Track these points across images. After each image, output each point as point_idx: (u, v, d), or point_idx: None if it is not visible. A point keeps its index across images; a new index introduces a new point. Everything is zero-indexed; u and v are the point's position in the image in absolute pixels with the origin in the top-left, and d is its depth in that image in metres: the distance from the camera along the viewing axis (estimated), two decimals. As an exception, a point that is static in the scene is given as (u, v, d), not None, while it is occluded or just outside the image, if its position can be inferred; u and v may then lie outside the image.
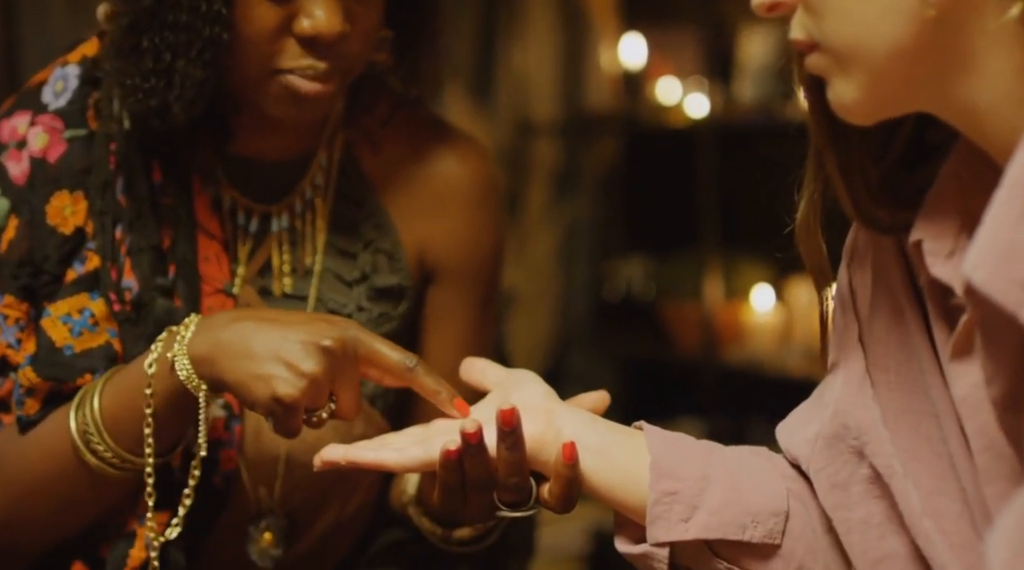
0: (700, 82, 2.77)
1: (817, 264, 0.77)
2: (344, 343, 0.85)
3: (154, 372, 0.87)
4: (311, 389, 0.83)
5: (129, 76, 0.91)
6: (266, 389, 0.83)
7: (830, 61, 0.66)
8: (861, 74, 0.65)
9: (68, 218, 0.95)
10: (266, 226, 1.02)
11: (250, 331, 0.85)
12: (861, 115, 0.67)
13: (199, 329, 0.87)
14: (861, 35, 0.63)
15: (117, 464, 0.89)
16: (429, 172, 1.07)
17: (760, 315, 2.63)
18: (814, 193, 0.75)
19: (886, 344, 0.75)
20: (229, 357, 0.84)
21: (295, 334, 0.84)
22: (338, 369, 0.85)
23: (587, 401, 0.89)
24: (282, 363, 0.83)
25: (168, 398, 0.87)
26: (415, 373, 0.86)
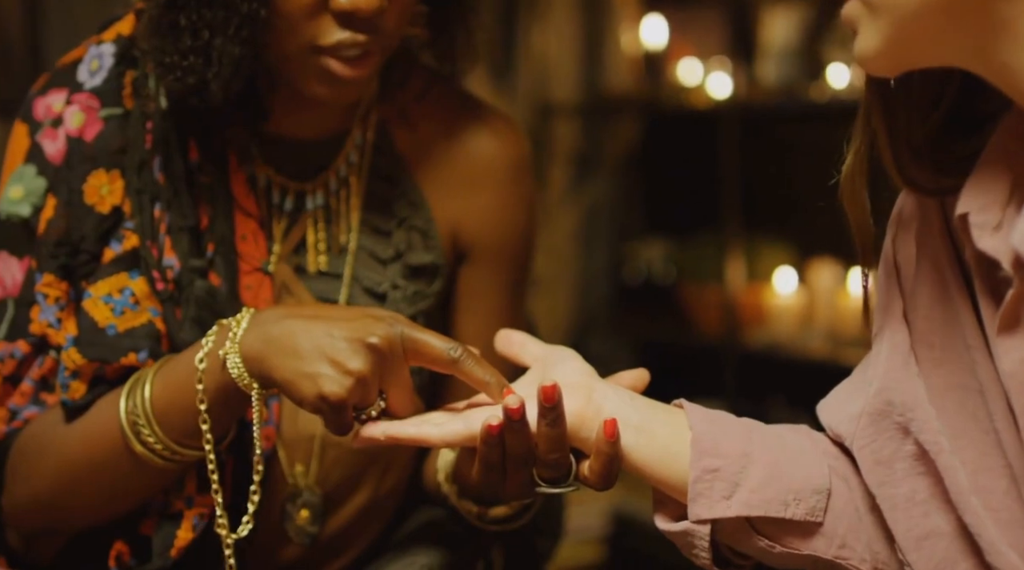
0: (722, 63, 2.75)
1: (860, 219, 0.76)
2: (391, 340, 0.84)
3: (205, 368, 0.87)
4: (358, 388, 0.83)
5: (167, 54, 0.90)
6: (313, 388, 0.82)
7: (863, 8, 0.66)
8: (888, 24, 0.65)
9: (105, 197, 0.95)
10: (301, 204, 1.02)
11: (298, 328, 0.84)
12: (881, 66, 0.68)
13: (251, 325, 0.86)
14: None
15: (166, 455, 0.90)
16: (463, 150, 1.06)
17: (782, 297, 2.62)
18: (860, 146, 0.74)
19: (930, 319, 0.75)
20: (278, 355, 0.84)
21: (341, 331, 0.83)
22: (386, 367, 0.84)
23: (626, 379, 0.89)
24: (329, 361, 0.82)
25: (219, 394, 0.87)
26: (461, 363, 0.85)
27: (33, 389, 0.95)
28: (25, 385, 0.95)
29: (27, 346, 0.95)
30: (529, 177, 1.11)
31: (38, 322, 0.94)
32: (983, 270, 0.70)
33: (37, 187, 0.96)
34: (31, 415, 0.95)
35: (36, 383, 0.95)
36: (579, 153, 3.04)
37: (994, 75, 0.66)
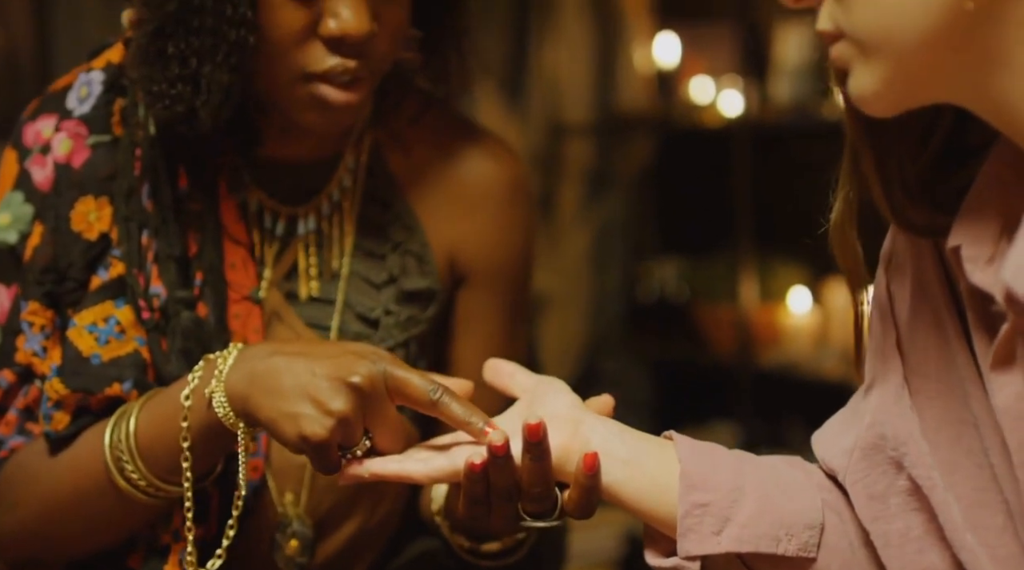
0: (735, 81, 2.74)
1: (852, 266, 0.75)
2: (373, 379, 0.82)
3: (191, 405, 0.86)
4: (340, 428, 0.81)
5: (155, 82, 0.90)
6: (294, 428, 0.81)
7: (855, 50, 0.64)
8: (884, 64, 0.63)
9: (93, 224, 0.95)
10: (292, 229, 1.01)
11: (282, 366, 0.83)
12: (880, 106, 0.65)
13: (237, 362, 0.85)
14: (891, 24, 0.61)
15: (149, 491, 0.89)
16: (458, 173, 1.05)
17: (796, 317, 2.60)
18: (849, 193, 0.73)
19: (925, 351, 0.73)
20: (261, 393, 0.83)
21: (324, 370, 0.82)
22: (369, 406, 0.82)
23: (592, 406, 0.87)
24: (310, 401, 0.81)
25: (204, 432, 0.86)
26: (440, 405, 0.82)
27: (18, 419, 0.95)
28: (10, 415, 0.94)
29: (12, 375, 0.94)
30: (526, 199, 1.10)
31: (23, 351, 0.94)
32: (976, 303, 0.68)
33: (24, 214, 0.96)
34: (16, 445, 0.95)
35: (21, 413, 0.95)
36: (592, 172, 3.03)
37: (988, 110, 0.64)
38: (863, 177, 0.71)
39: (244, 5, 0.87)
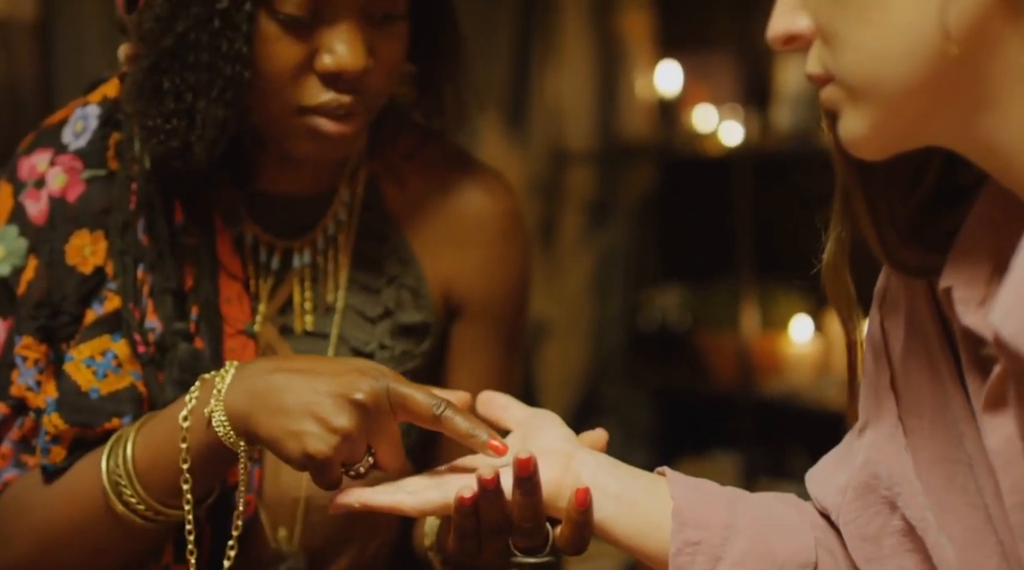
0: (736, 110, 2.74)
1: (845, 306, 0.74)
2: (376, 395, 0.82)
3: (189, 426, 0.85)
4: (344, 445, 0.81)
5: (151, 117, 0.90)
6: (298, 446, 0.81)
7: (843, 94, 0.64)
8: (873, 108, 0.62)
9: (88, 257, 0.95)
10: (288, 262, 1.01)
11: (283, 383, 0.82)
12: (870, 150, 0.65)
13: (236, 379, 0.85)
14: (878, 69, 0.61)
15: (148, 515, 0.88)
16: (453, 207, 1.05)
17: (798, 346, 2.59)
18: (841, 233, 0.72)
19: (919, 390, 0.73)
20: (263, 411, 0.82)
21: (327, 387, 0.81)
22: (372, 422, 0.82)
23: (586, 440, 0.86)
24: (314, 418, 0.81)
25: (204, 452, 0.86)
26: (444, 419, 0.83)
27: (13, 451, 0.94)
28: (5, 447, 0.94)
29: (6, 408, 0.94)
30: (521, 233, 1.09)
31: (17, 385, 0.93)
32: (969, 344, 0.68)
33: (18, 247, 0.96)
34: (11, 478, 0.94)
35: (16, 445, 0.94)
36: (593, 200, 3.03)
37: (977, 153, 0.64)
38: (855, 218, 0.71)
39: (239, 41, 0.87)
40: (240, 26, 0.87)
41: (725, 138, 2.76)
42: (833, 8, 0.62)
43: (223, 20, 0.87)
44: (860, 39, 0.61)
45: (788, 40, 0.65)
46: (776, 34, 0.65)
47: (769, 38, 0.66)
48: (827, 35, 0.63)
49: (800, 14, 0.64)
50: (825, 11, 0.62)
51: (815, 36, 0.64)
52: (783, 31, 0.65)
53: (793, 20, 0.64)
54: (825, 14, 0.62)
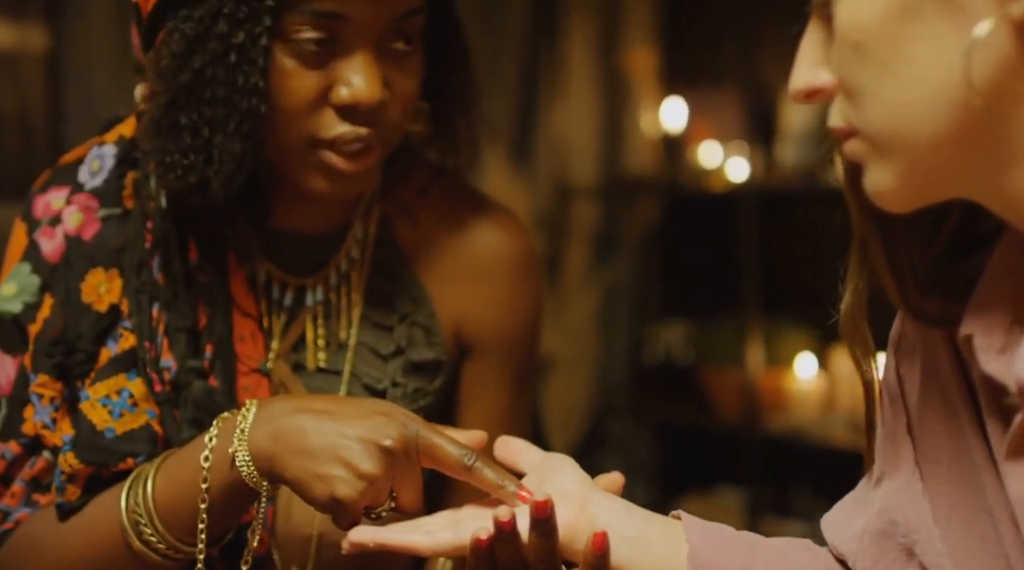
0: (741, 147, 2.75)
1: (864, 358, 0.74)
2: (405, 441, 0.82)
3: (211, 465, 0.85)
4: (370, 491, 0.81)
5: (168, 154, 0.90)
6: (325, 489, 0.81)
7: (868, 147, 0.63)
8: (899, 161, 0.62)
9: (103, 296, 0.95)
10: (301, 300, 1.01)
11: (310, 425, 0.83)
12: (898, 203, 0.65)
13: (258, 420, 0.85)
14: (902, 123, 0.61)
15: (167, 553, 0.88)
16: (466, 244, 1.05)
17: (803, 383, 2.59)
18: (859, 284, 0.72)
19: (936, 436, 0.72)
20: (288, 453, 0.82)
21: (355, 431, 0.82)
22: (398, 468, 0.82)
23: (601, 483, 0.86)
24: (341, 463, 0.81)
25: (224, 492, 0.86)
26: (475, 470, 0.83)
27: (25, 490, 0.94)
28: (16, 486, 0.94)
29: (18, 447, 0.94)
30: (533, 272, 1.10)
31: (32, 423, 0.93)
32: (990, 392, 0.67)
33: (30, 285, 0.96)
34: (22, 517, 0.94)
35: (28, 484, 0.94)
36: (598, 234, 3.04)
37: (1003, 205, 0.63)
38: (873, 267, 0.71)
39: (256, 75, 0.88)
40: (256, 60, 0.87)
41: (730, 174, 2.76)
42: (855, 62, 0.61)
43: (239, 55, 0.87)
44: (884, 92, 0.61)
45: (810, 94, 0.65)
46: (798, 88, 0.65)
47: (791, 92, 0.66)
48: (850, 89, 0.62)
49: (822, 68, 0.64)
50: (848, 65, 0.62)
51: (837, 90, 0.63)
52: (805, 85, 0.65)
53: (815, 74, 0.64)
54: (848, 68, 0.62)
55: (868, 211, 0.68)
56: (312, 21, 0.87)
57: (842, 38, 0.61)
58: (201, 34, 0.87)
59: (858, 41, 0.60)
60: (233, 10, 0.87)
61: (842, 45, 0.62)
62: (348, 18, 0.88)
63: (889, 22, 0.59)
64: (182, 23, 0.88)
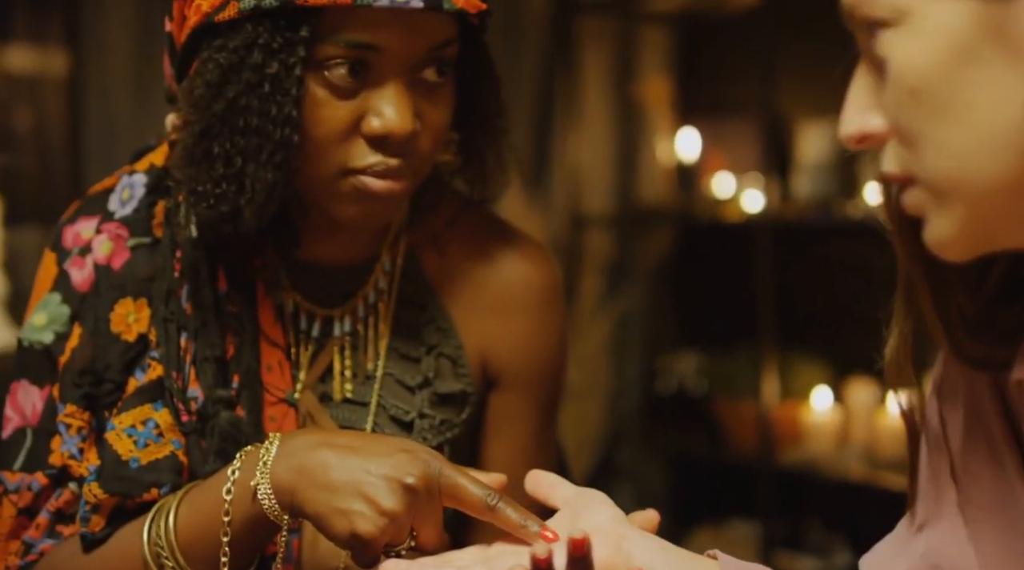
0: (756, 179, 2.75)
1: (910, 404, 0.73)
2: (428, 479, 0.82)
3: (233, 498, 0.85)
4: (391, 527, 0.81)
5: (200, 182, 0.90)
6: (346, 524, 0.81)
7: (928, 196, 0.62)
8: (960, 209, 0.61)
9: (131, 325, 0.94)
10: (328, 330, 1.01)
11: (333, 460, 0.82)
12: (959, 252, 0.63)
13: (281, 454, 0.84)
14: (962, 169, 0.59)
15: None
16: (493, 276, 1.05)
17: (818, 415, 2.57)
18: (904, 330, 0.71)
19: (979, 480, 0.71)
20: (310, 487, 0.82)
21: (378, 468, 0.81)
22: (420, 506, 0.82)
23: (636, 520, 0.85)
24: (363, 499, 0.81)
25: (247, 524, 0.85)
26: (498, 510, 0.83)
27: (49, 521, 0.93)
28: (41, 518, 0.93)
29: (45, 478, 0.93)
30: (560, 303, 1.09)
31: (59, 453, 0.93)
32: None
33: (61, 315, 0.95)
34: (46, 547, 0.93)
35: (52, 515, 0.93)
36: (612, 263, 3.03)
37: None
38: (919, 311, 0.70)
39: (289, 105, 0.88)
40: (290, 90, 0.87)
41: (745, 205, 2.76)
42: (912, 107, 0.60)
43: (273, 85, 0.87)
44: (943, 138, 0.59)
45: (861, 139, 0.64)
46: (849, 133, 0.64)
47: (841, 137, 0.65)
48: (905, 135, 0.61)
49: (873, 113, 0.63)
50: (903, 110, 0.60)
51: (890, 135, 0.62)
52: (856, 131, 0.63)
53: (866, 119, 0.63)
54: (903, 113, 0.61)
55: (916, 255, 0.67)
56: (346, 52, 0.87)
57: (897, 83, 0.60)
58: (235, 64, 0.87)
59: (915, 86, 0.59)
60: (268, 40, 0.86)
61: (897, 90, 0.60)
62: (382, 49, 0.88)
63: (947, 66, 0.58)
64: (216, 53, 0.88)
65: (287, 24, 0.86)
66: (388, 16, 0.87)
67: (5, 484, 0.95)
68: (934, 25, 0.59)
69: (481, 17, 0.93)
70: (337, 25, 0.87)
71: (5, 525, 0.94)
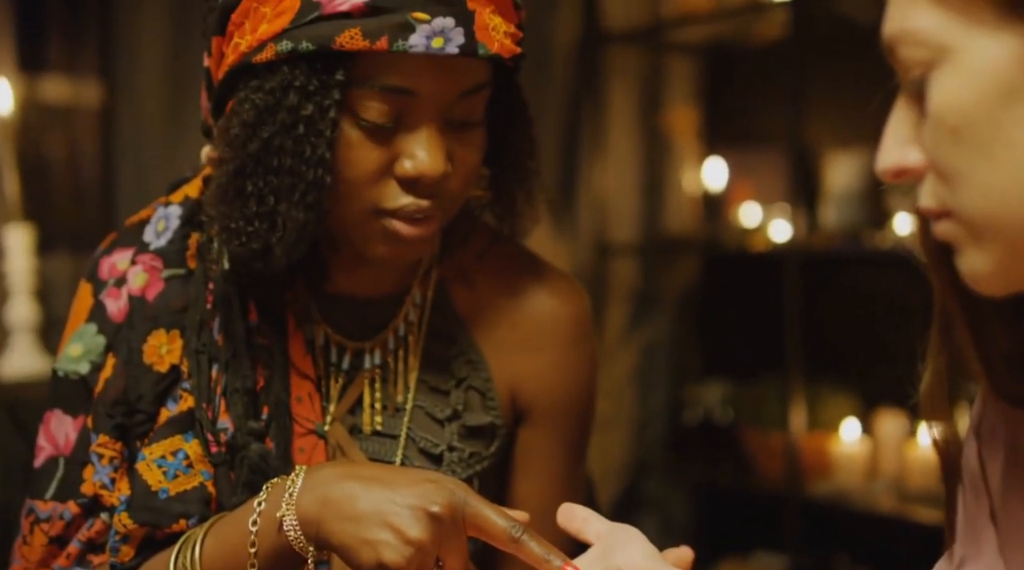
0: (783, 209, 2.75)
1: (946, 440, 0.72)
2: (453, 509, 0.82)
3: (259, 529, 0.85)
4: (417, 556, 0.81)
5: (233, 220, 0.91)
6: (372, 554, 0.81)
7: (963, 231, 0.62)
8: (997, 246, 0.60)
9: (164, 356, 0.95)
10: (358, 363, 1.01)
11: (358, 492, 0.82)
12: (995, 287, 0.63)
13: (306, 485, 0.85)
14: (1001, 208, 0.59)
15: None
16: (522, 309, 1.05)
17: (846, 446, 2.55)
18: (939, 364, 0.70)
19: (1021, 522, 0.70)
20: (336, 519, 0.82)
21: (403, 498, 0.81)
22: (445, 535, 0.82)
23: (671, 557, 0.85)
24: (389, 528, 0.81)
25: (272, 556, 0.85)
26: (522, 543, 0.82)
27: (80, 551, 0.94)
28: (72, 547, 0.94)
29: (76, 507, 0.94)
30: (590, 337, 1.09)
31: (91, 482, 0.93)
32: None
33: (96, 345, 0.96)
34: (76, 577, 0.94)
35: (83, 545, 0.94)
36: (637, 293, 3.03)
37: None
38: (956, 348, 0.69)
39: (323, 146, 0.88)
40: (324, 132, 0.88)
41: (772, 234, 2.75)
42: (951, 145, 0.60)
43: (307, 126, 0.88)
44: (982, 177, 0.59)
45: (899, 173, 0.64)
46: (887, 167, 0.64)
47: (879, 171, 0.65)
48: (944, 171, 0.61)
49: (911, 147, 0.63)
50: (943, 147, 0.60)
51: (928, 170, 0.62)
52: (894, 165, 0.63)
53: (904, 154, 0.63)
54: (942, 151, 0.61)
55: (954, 290, 0.66)
56: (380, 95, 0.88)
57: (937, 120, 0.60)
58: (271, 105, 0.88)
59: (955, 125, 0.59)
60: (304, 83, 0.87)
61: (937, 127, 0.60)
62: (416, 93, 0.88)
63: (988, 105, 0.58)
64: (253, 93, 0.89)
65: (323, 67, 0.87)
66: (424, 62, 0.87)
67: (37, 513, 0.95)
68: (975, 63, 0.59)
69: (515, 60, 0.93)
70: (373, 69, 0.87)
71: (36, 553, 0.95)
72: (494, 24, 0.88)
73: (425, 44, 0.85)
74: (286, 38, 0.86)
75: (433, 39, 0.85)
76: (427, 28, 0.85)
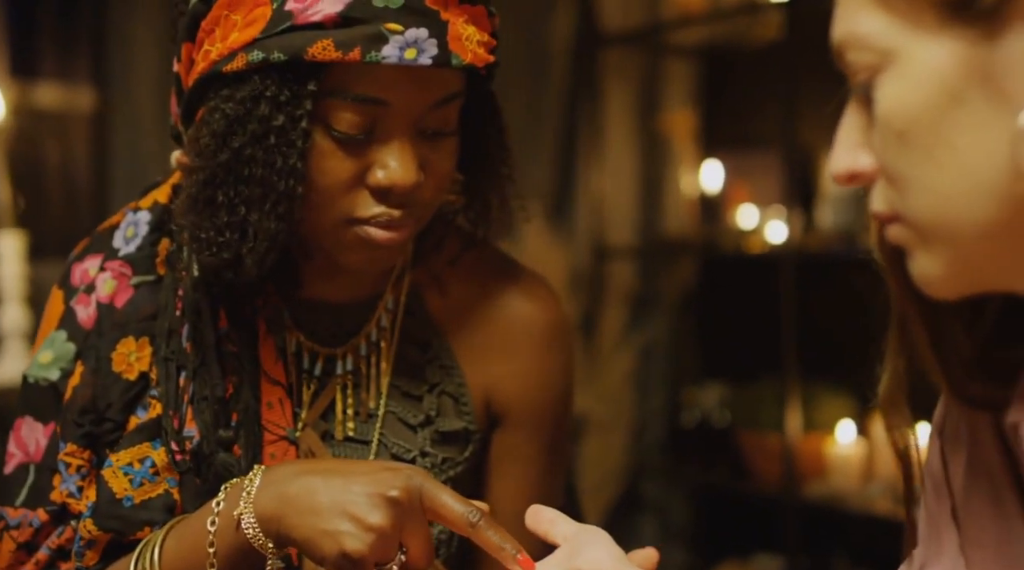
0: (780, 211, 2.74)
1: (905, 443, 0.72)
2: (410, 492, 0.82)
3: (217, 529, 0.85)
4: (379, 543, 0.81)
5: (203, 230, 0.90)
6: (334, 545, 0.81)
7: (912, 235, 0.61)
8: (945, 249, 0.60)
9: (133, 364, 0.95)
10: (330, 369, 1.01)
11: (316, 484, 0.83)
12: (947, 290, 0.63)
13: (264, 483, 0.85)
14: (947, 211, 0.59)
15: None
16: (497, 313, 1.05)
17: (842, 448, 2.54)
18: (898, 367, 0.70)
19: (981, 521, 0.70)
20: (295, 513, 0.82)
21: (360, 486, 0.82)
22: (406, 519, 0.82)
23: (636, 558, 0.85)
24: (348, 517, 0.81)
25: (232, 555, 0.85)
26: (478, 528, 0.83)
27: (49, 557, 0.94)
28: (41, 554, 0.94)
29: (46, 514, 0.94)
30: (565, 341, 1.09)
31: (59, 491, 0.94)
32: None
33: (66, 352, 0.97)
34: (44, 584, 0.94)
35: (53, 552, 0.94)
36: (635, 295, 3.03)
37: None
38: (913, 349, 0.69)
39: (294, 156, 0.87)
40: (295, 142, 0.87)
41: (769, 236, 2.75)
42: (898, 149, 0.60)
43: (279, 137, 0.87)
44: (927, 181, 0.59)
45: (851, 177, 0.63)
46: (838, 172, 0.63)
47: (831, 175, 0.65)
48: (892, 175, 0.61)
49: (862, 151, 0.62)
50: (890, 152, 0.60)
51: (879, 174, 0.62)
52: (846, 169, 0.63)
53: (855, 158, 0.63)
54: (889, 154, 0.60)
55: (910, 293, 0.66)
56: (352, 106, 0.87)
57: (884, 125, 0.60)
58: (242, 115, 0.87)
59: (901, 129, 0.59)
60: (275, 93, 0.86)
61: (884, 132, 0.60)
62: (388, 103, 0.88)
63: (933, 110, 0.58)
64: (223, 103, 0.88)
65: (294, 78, 0.86)
66: (397, 73, 0.87)
67: (6, 519, 0.95)
68: (919, 68, 0.59)
69: (488, 69, 0.93)
70: (345, 80, 0.87)
71: (4, 560, 0.95)
72: (467, 34, 0.88)
73: (398, 55, 0.85)
74: (257, 48, 0.85)
75: (406, 50, 0.85)
76: (400, 39, 0.85)
